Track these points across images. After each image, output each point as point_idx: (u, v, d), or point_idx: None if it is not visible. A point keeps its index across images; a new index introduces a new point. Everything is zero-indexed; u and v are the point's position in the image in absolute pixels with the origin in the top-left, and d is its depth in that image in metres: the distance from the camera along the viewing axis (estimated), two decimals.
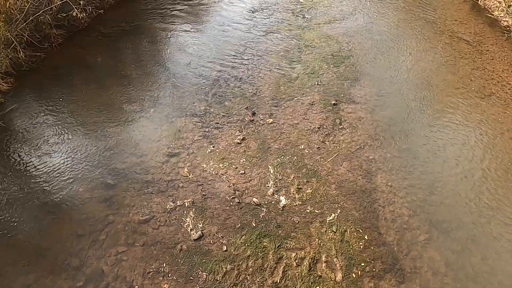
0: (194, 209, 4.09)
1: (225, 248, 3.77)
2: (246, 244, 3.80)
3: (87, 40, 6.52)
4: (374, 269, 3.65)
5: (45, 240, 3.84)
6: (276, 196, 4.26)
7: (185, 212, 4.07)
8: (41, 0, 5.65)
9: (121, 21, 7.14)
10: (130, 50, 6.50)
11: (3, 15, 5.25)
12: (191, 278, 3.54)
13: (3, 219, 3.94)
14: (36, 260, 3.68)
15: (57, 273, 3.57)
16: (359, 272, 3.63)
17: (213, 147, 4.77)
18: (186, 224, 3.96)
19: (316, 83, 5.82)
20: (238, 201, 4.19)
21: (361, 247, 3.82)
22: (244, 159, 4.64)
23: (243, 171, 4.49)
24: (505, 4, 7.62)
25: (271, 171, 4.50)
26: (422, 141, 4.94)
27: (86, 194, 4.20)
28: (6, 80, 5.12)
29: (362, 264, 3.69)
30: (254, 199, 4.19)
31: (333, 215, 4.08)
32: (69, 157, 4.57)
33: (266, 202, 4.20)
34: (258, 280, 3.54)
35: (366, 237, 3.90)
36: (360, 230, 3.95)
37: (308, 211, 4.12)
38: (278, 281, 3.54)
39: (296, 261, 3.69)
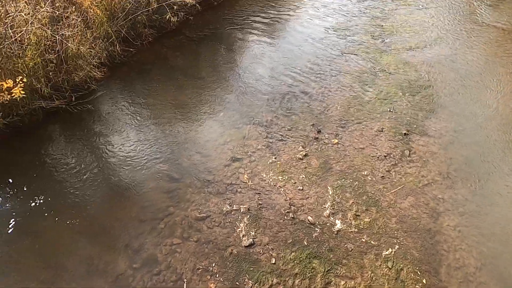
0: (248, 216, 4.16)
1: (273, 260, 3.77)
2: (295, 261, 3.77)
3: (173, 42, 7.05)
4: None
5: (111, 218, 4.18)
6: (331, 218, 4.17)
7: (239, 217, 4.16)
8: (140, 1, 6.21)
9: (205, 27, 7.61)
10: (209, 55, 6.87)
11: (108, 12, 5.89)
12: (237, 283, 3.59)
13: (80, 193, 4.37)
14: (101, 235, 4.02)
15: (117, 252, 3.86)
16: None
17: (275, 158, 4.82)
18: (239, 229, 4.04)
19: (388, 109, 5.62)
20: (292, 216, 4.17)
21: None
22: (304, 176, 4.61)
23: (301, 187, 4.47)
24: None
25: (330, 192, 4.42)
26: (501, 188, 4.50)
27: (152, 183, 4.50)
28: (101, 69, 5.71)
29: None
30: (309, 218, 4.14)
31: (390, 250, 3.87)
32: (142, 146, 4.94)
33: (321, 222, 4.13)
34: None
35: (424, 281, 3.64)
36: (418, 272, 3.70)
37: (363, 240, 3.96)
38: None
39: None
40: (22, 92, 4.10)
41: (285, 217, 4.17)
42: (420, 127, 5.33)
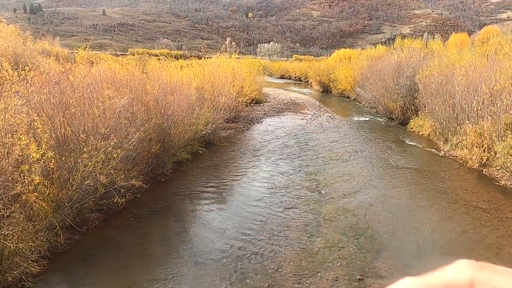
0: None
1: None
2: None
3: (120, 222, 7.10)
4: None
5: None
6: None
7: None
8: (88, 189, 6.53)
9: (153, 203, 7.92)
10: (158, 230, 6.93)
11: (54, 204, 6.02)
12: None
13: None
14: None
15: None
16: None
17: None
18: None
19: (338, 256, 5.77)
20: None
21: None
22: None
23: None
24: (509, 174, 8.11)
25: None
26: None
27: None
28: (40, 263, 5.39)
29: None
30: None
31: None
32: None
33: None
34: None
35: None
36: None
37: None
38: None
39: None
40: None
41: None
42: (372, 270, 5.43)
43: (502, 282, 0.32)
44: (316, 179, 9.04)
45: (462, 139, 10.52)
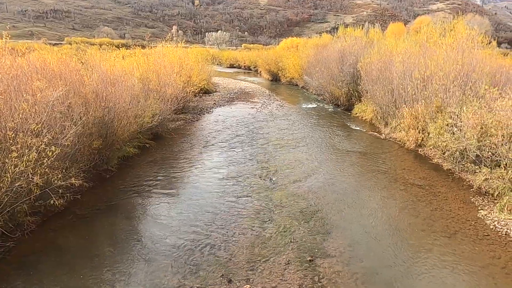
0: None
1: None
2: None
3: (61, 224, 6.60)
4: None
5: None
6: None
7: None
8: (20, 191, 5.96)
9: (98, 201, 7.47)
10: (105, 229, 6.56)
11: None
12: None
13: None
14: None
15: None
16: None
17: None
18: None
19: (290, 240, 5.91)
20: None
21: None
22: None
23: None
24: (440, 153, 8.86)
25: None
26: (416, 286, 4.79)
27: None
28: None
29: None
30: None
31: None
32: None
33: None
34: None
35: None
36: None
37: None
38: None
39: None
40: None
41: None
42: (322, 250, 5.65)
43: None
44: (267, 167, 9.15)
45: (400, 122, 11.27)
